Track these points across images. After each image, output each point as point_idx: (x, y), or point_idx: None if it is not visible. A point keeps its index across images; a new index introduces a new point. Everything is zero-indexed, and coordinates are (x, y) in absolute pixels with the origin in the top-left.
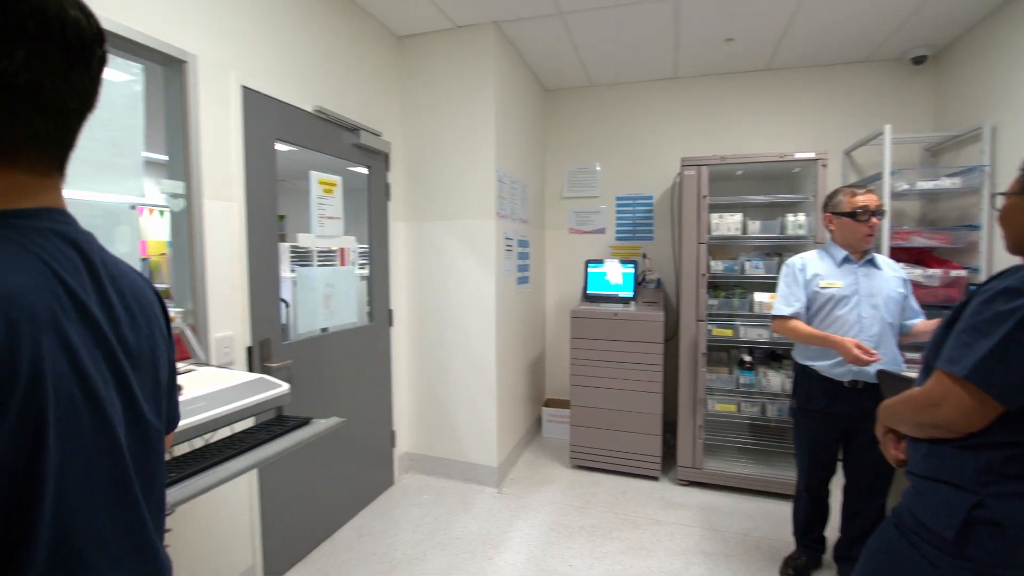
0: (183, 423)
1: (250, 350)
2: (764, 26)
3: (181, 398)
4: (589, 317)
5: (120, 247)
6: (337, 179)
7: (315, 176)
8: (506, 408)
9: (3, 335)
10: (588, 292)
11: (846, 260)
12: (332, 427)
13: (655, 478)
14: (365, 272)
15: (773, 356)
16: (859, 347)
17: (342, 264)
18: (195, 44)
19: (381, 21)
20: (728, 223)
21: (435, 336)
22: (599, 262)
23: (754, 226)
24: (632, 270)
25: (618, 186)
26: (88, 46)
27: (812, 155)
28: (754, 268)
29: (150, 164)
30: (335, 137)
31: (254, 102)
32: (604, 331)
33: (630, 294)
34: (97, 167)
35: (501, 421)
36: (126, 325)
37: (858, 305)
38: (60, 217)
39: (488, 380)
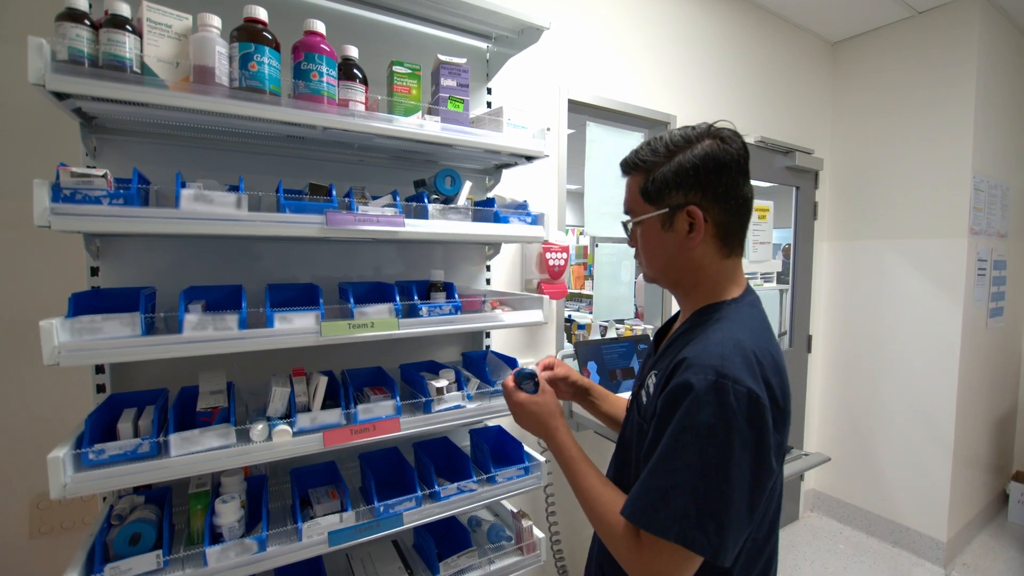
0: None
1: None
2: None
3: None
4: None
5: (624, 275)
6: (769, 204)
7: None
8: (963, 474)
9: (783, 383)
10: None
11: None
12: (815, 464)
13: None
14: (781, 295)
15: None
16: None
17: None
18: (676, 107)
19: (814, 31)
20: None
21: (864, 371)
22: None
23: None
24: None
25: None
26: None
27: None
28: None
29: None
30: (770, 162)
31: None
32: None
33: None
34: (612, 219)
35: (956, 489)
36: None
37: None
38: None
39: (942, 435)
